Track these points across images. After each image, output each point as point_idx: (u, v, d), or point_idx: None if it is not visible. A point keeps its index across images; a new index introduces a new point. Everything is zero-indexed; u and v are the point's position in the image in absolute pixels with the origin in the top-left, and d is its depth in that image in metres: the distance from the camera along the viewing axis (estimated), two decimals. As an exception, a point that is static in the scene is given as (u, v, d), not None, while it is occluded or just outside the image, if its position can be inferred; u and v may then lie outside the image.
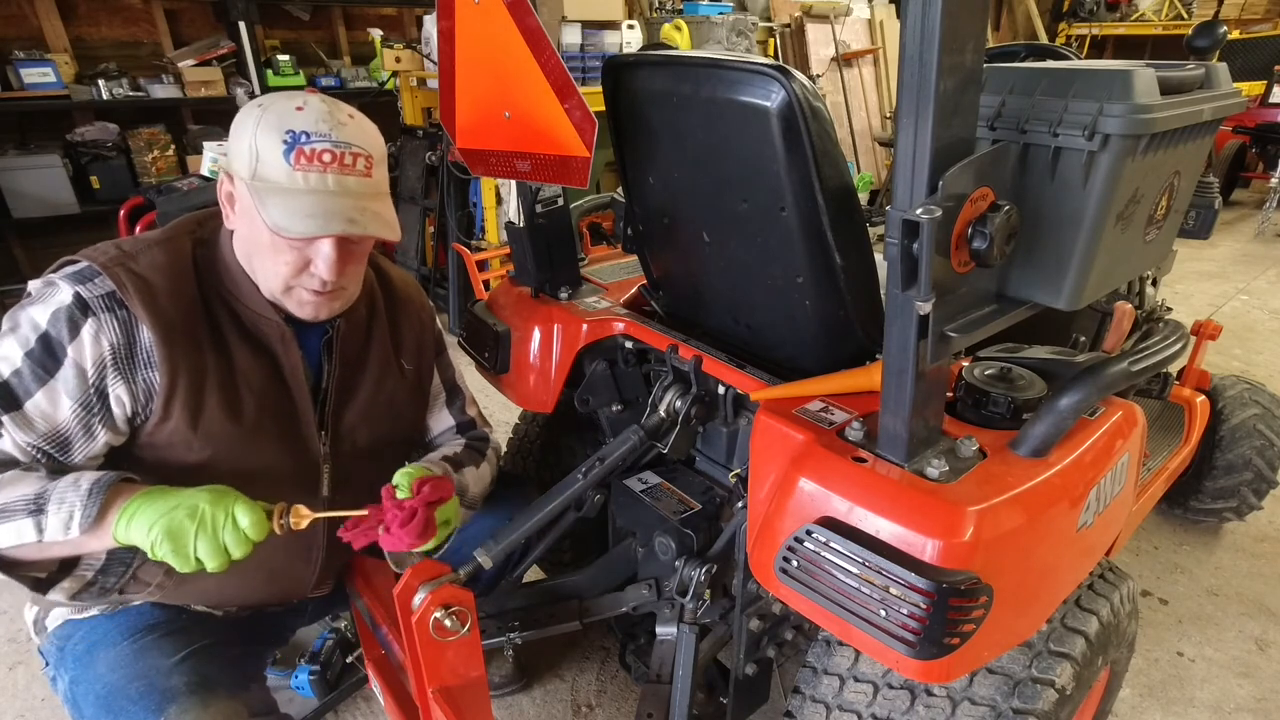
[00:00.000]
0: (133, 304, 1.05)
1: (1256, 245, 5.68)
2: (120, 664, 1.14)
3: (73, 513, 0.99)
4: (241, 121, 1.08)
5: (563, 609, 1.53)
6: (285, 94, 1.10)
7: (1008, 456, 0.99)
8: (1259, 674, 1.90)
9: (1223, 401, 2.18)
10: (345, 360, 1.27)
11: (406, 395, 1.39)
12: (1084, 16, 8.37)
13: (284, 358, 1.19)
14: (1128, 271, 1.21)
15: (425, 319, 1.45)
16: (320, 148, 1.05)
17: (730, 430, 1.40)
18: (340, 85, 4.30)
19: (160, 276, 1.09)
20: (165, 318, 1.07)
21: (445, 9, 1.26)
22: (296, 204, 1.05)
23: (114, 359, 1.05)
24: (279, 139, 1.04)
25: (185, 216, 1.21)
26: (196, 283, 1.13)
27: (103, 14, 3.81)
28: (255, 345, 1.17)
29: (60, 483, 1.01)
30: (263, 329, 1.17)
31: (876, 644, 0.92)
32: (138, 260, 1.09)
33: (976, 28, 0.77)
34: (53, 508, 0.99)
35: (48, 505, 1.00)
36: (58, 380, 1.04)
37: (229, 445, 1.14)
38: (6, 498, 1.00)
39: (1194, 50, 1.60)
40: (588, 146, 1.17)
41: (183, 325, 1.09)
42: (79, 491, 1.00)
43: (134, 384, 1.07)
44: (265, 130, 1.05)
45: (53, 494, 1.00)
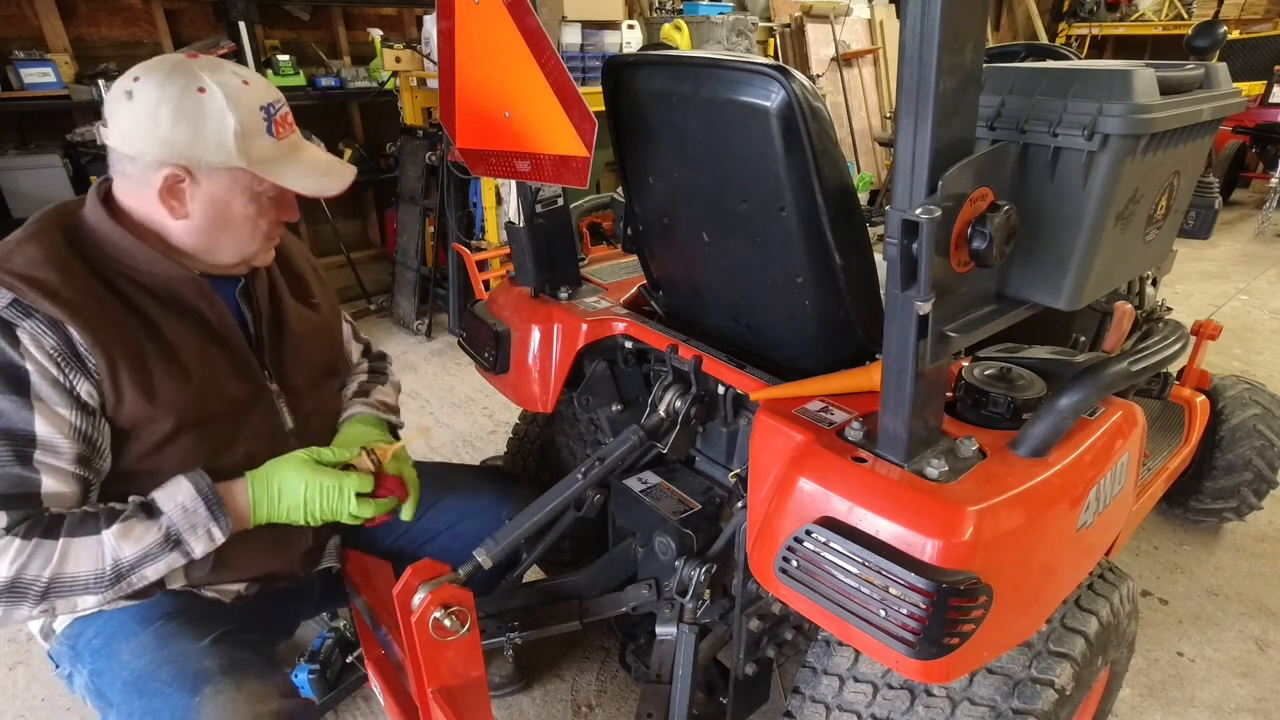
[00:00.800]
0: (39, 304, 1.03)
1: (1256, 245, 5.68)
2: (146, 650, 1.16)
3: (210, 530, 1.12)
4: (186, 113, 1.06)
5: (563, 609, 1.53)
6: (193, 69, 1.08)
7: (1007, 456, 0.99)
8: (1259, 674, 1.90)
9: (1223, 401, 2.18)
10: (263, 306, 1.31)
11: (327, 324, 1.46)
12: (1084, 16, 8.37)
13: (209, 310, 1.21)
14: (1128, 271, 1.21)
15: (308, 255, 1.51)
16: (283, 113, 1.17)
17: (730, 430, 1.40)
18: (340, 85, 4.29)
19: (45, 270, 1.06)
20: (74, 306, 1.06)
21: (445, 9, 1.26)
22: (302, 168, 1.17)
23: (61, 357, 1.05)
24: (259, 118, 1.11)
25: (39, 213, 1.16)
26: (87, 267, 1.11)
27: (103, 14, 3.81)
28: (175, 308, 1.17)
29: (170, 516, 1.10)
30: (178, 290, 1.17)
31: (876, 644, 0.92)
32: (12, 261, 1.06)
33: (976, 28, 0.77)
34: (188, 535, 1.10)
35: (181, 536, 1.10)
36: (39, 397, 1.04)
37: (188, 407, 1.16)
38: (138, 549, 1.07)
39: (1194, 50, 1.60)
40: (588, 146, 1.17)
41: (95, 308, 1.08)
42: (198, 515, 1.11)
43: (89, 376, 1.07)
44: (239, 114, 1.08)
45: (177, 526, 1.10)
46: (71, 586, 1.04)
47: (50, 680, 1.90)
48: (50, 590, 1.03)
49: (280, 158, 1.15)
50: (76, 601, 1.06)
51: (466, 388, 3.47)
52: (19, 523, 1.02)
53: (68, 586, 1.04)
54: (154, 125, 1.06)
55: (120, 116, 1.07)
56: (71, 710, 1.82)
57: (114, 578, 1.06)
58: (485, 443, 3.00)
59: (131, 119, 1.06)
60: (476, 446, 2.98)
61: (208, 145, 1.08)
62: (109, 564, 1.05)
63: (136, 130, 1.07)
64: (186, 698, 1.09)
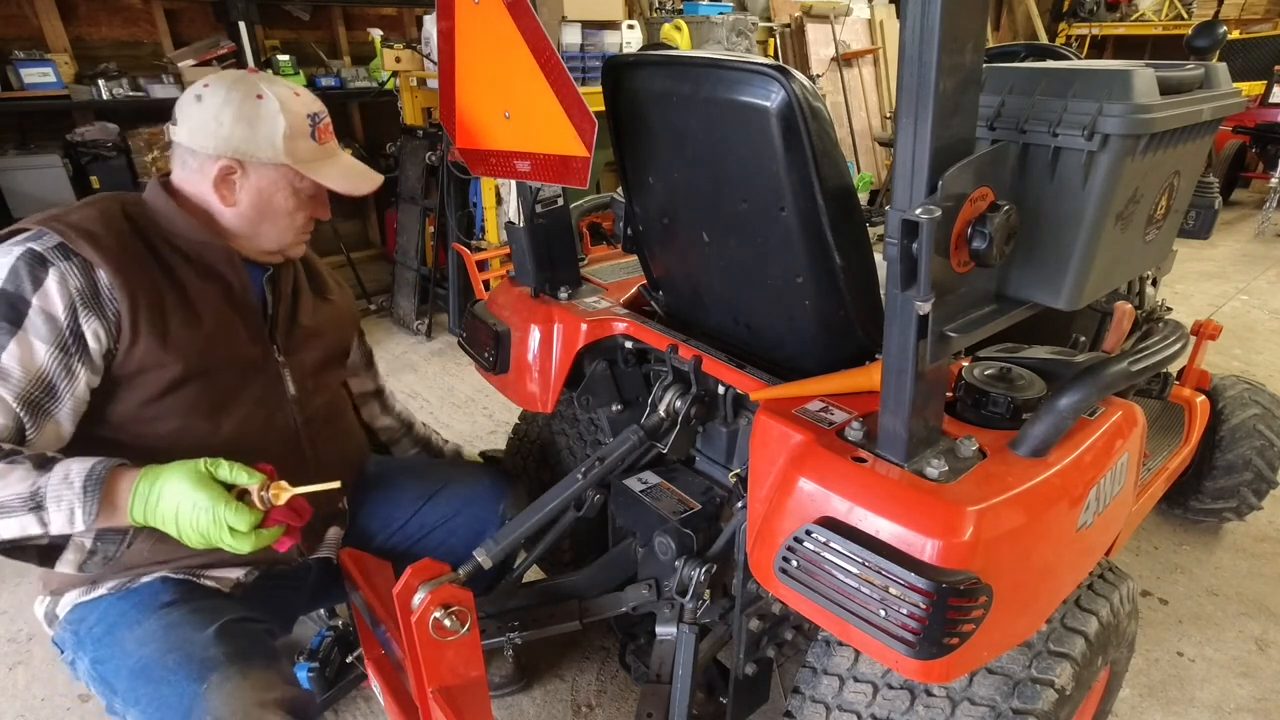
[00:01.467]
0: (81, 248, 1.14)
1: (1256, 245, 5.68)
2: (150, 639, 1.17)
3: (73, 509, 1.02)
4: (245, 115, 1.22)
5: (563, 609, 1.53)
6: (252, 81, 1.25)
7: (1007, 456, 0.99)
8: (1259, 674, 1.90)
9: (1223, 401, 2.18)
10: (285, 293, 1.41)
11: (338, 317, 1.55)
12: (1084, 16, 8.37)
13: (233, 277, 1.30)
14: (1128, 271, 1.21)
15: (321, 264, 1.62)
16: (325, 123, 1.33)
17: (730, 430, 1.40)
18: (340, 85, 4.29)
19: (95, 225, 1.18)
20: (112, 253, 1.16)
21: (445, 9, 1.26)
22: (338, 170, 1.33)
23: (82, 300, 1.12)
24: (305, 124, 1.27)
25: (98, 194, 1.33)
26: (133, 229, 1.23)
27: (103, 14, 3.81)
28: (202, 270, 1.27)
29: (51, 478, 1.03)
30: (209, 257, 1.28)
31: (876, 644, 0.92)
32: (69, 217, 1.18)
33: (976, 28, 0.77)
34: (51, 504, 1.02)
35: (45, 502, 1.02)
36: (26, 330, 1.09)
37: (196, 354, 1.22)
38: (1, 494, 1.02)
39: (1194, 50, 1.60)
40: (588, 146, 1.17)
41: (131, 259, 1.18)
42: (73, 489, 1.03)
43: (105, 318, 1.14)
44: (289, 119, 1.24)
45: (47, 491, 1.02)
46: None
47: (50, 680, 1.90)
48: None
49: (320, 159, 1.31)
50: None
51: (466, 388, 3.47)
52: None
53: None
54: (217, 124, 1.21)
55: (189, 116, 1.23)
56: (71, 710, 1.82)
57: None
58: (485, 443, 3.00)
59: (200, 118, 1.22)
60: (476, 446, 2.97)
61: (259, 143, 1.23)
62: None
63: (202, 128, 1.22)
64: (193, 685, 1.10)
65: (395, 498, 1.61)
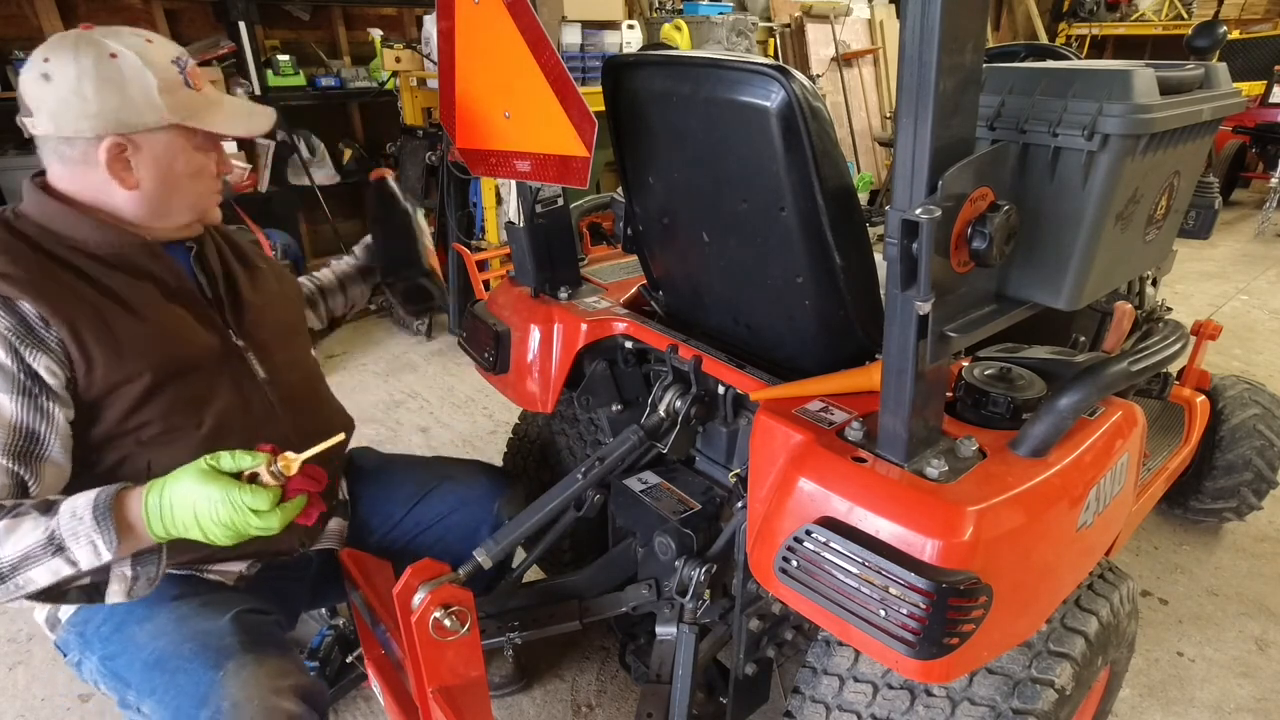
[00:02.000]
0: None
1: (1256, 245, 5.68)
2: (164, 631, 1.18)
3: (94, 541, 1.00)
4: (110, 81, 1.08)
5: (563, 609, 1.53)
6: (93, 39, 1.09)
7: (1007, 456, 0.99)
8: (1259, 674, 1.90)
9: (1223, 401, 2.18)
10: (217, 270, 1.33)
11: (276, 286, 1.46)
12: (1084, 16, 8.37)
13: (163, 270, 1.22)
14: (1128, 271, 1.21)
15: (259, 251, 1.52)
16: (192, 65, 1.19)
17: (730, 430, 1.40)
18: (340, 85, 4.29)
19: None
20: (26, 281, 1.07)
21: (445, 9, 1.26)
22: (221, 114, 1.20)
23: (19, 338, 1.05)
24: (175, 72, 1.14)
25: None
26: (31, 248, 1.13)
27: (103, 14, 3.81)
28: (128, 272, 1.19)
29: (61, 519, 1.00)
30: (127, 255, 1.19)
31: (876, 644, 0.92)
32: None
33: (976, 28, 0.77)
34: (70, 543, 1.00)
35: (65, 542, 1.00)
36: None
37: (158, 356, 1.17)
38: (18, 549, 0.99)
39: (1194, 50, 1.60)
40: (588, 146, 1.17)
41: (46, 281, 1.10)
42: (84, 523, 1.00)
43: (50, 350, 1.07)
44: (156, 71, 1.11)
45: (62, 532, 1.00)
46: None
47: (50, 680, 1.90)
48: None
49: (206, 107, 1.18)
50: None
51: (466, 388, 3.47)
52: None
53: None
54: (81, 100, 1.07)
55: (43, 101, 1.08)
56: (71, 710, 1.82)
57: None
58: (485, 443, 3.00)
59: (58, 100, 1.07)
60: (476, 446, 2.98)
61: (138, 108, 1.10)
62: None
63: (66, 110, 1.07)
64: (210, 673, 1.10)
65: (391, 494, 1.62)
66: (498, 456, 2.20)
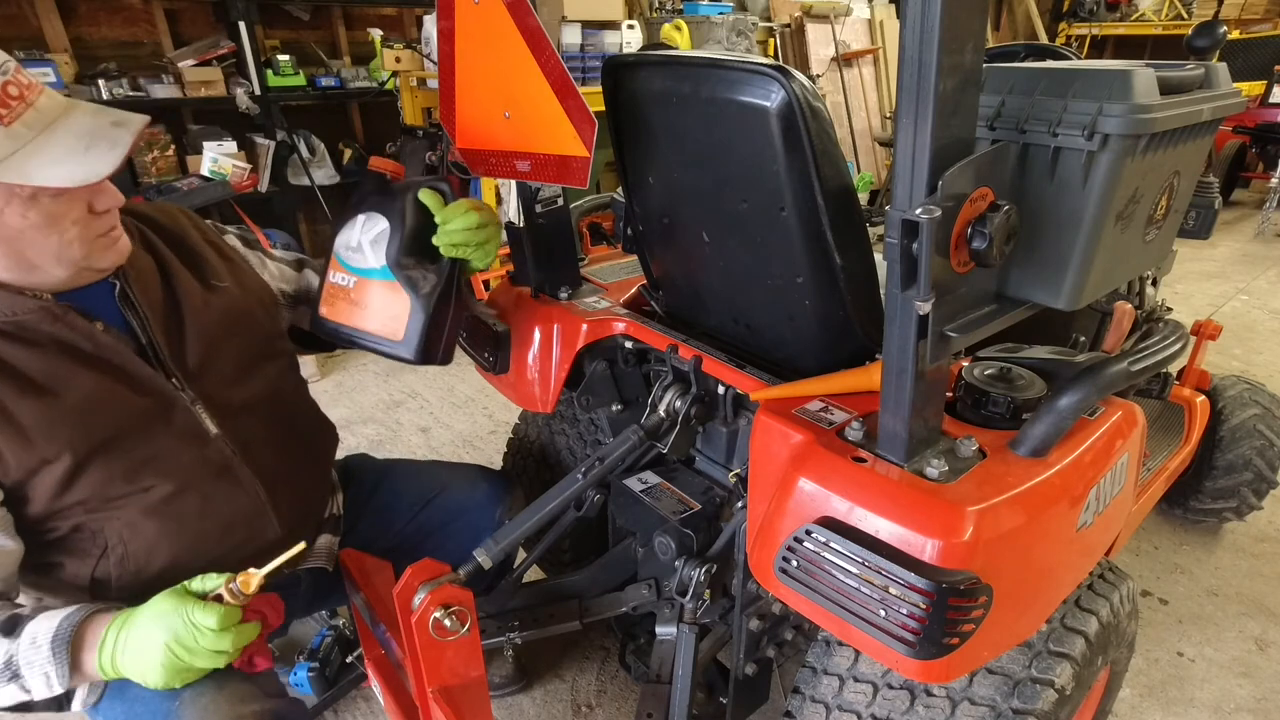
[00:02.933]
0: None
1: (1256, 245, 5.68)
2: None
3: (48, 673, 0.97)
4: None
5: (563, 609, 1.53)
6: None
7: (1007, 456, 0.99)
8: (1259, 674, 1.90)
9: (1223, 401, 2.18)
10: (152, 305, 1.17)
11: (240, 306, 1.30)
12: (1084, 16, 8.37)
13: (70, 334, 1.07)
14: (1128, 271, 1.21)
15: (204, 231, 1.35)
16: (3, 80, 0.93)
17: (730, 430, 1.40)
18: (340, 85, 4.29)
19: None
20: None
21: (445, 9, 1.26)
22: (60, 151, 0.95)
23: None
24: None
25: None
26: None
27: (103, 14, 3.81)
28: (28, 341, 1.05)
29: (21, 644, 0.97)
30: (26, 322, 1.04)
31: (876, 644, 0.92)
32: None
33: (976, 28, 0.77)
34: (25, 671, 0.97)
35: (20, 670, 0.97)
36: None
37: (74, 436, 1.06)
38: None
39: (1194, 50, 1.60)
40: (588, 146, 1.17)
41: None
42: (41, 653, 0.97)
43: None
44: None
45: (20, 659, 0.97)
46: None
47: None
48: None
49: (20, 148, 0.92)
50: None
51: (466, 388, 3.47)
52: None
53: None
54: None
55: None
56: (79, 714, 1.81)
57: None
58: (485, 443, 3.00)
59: None
60: (476, 446, 2.98)
61: None
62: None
63: None
64: (166, 702, 1.06)
65: (391, 503, 1.60)
66: (498, 456, 2.20)
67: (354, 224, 1.33)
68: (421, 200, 1.28)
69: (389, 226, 1.29)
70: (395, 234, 1.28)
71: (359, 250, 1.30)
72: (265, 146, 3.98)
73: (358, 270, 1.31)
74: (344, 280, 1.33)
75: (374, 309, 1.30)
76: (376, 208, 1.32)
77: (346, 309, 1.33)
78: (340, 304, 1.34)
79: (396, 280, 1.28)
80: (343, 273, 1.33)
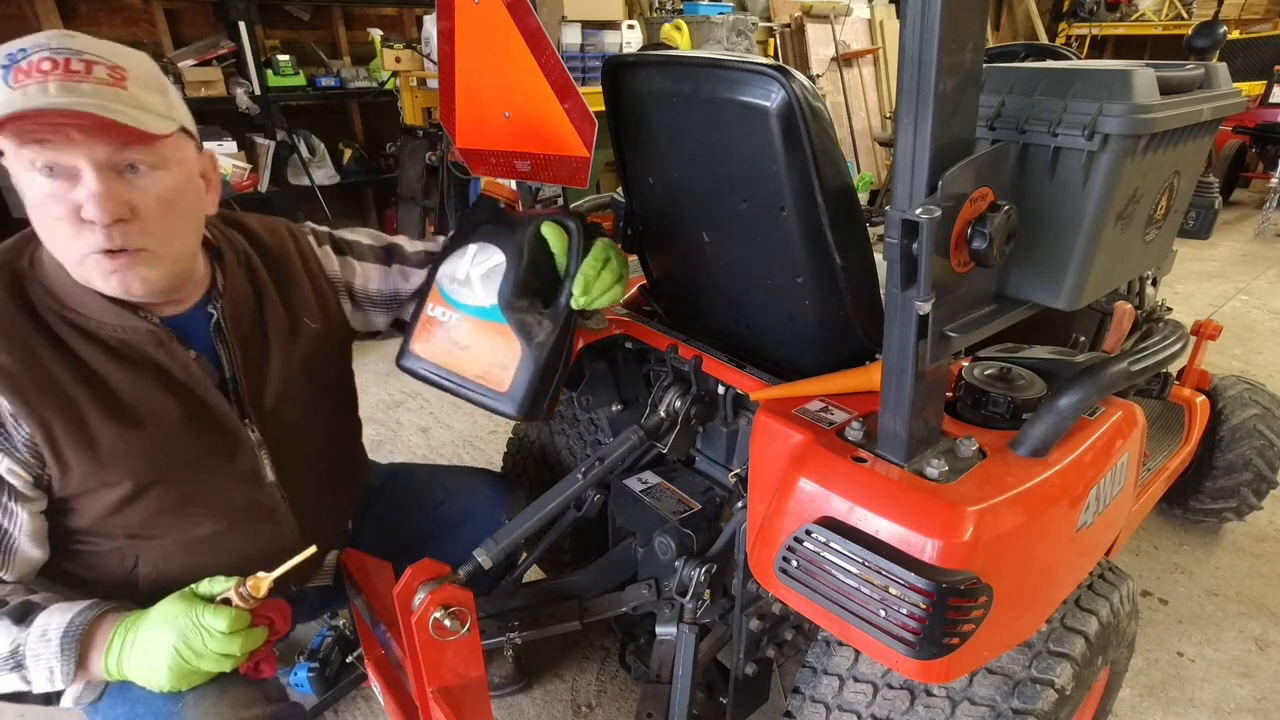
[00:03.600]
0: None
1: (1256, 245, 5.68)
2: None
3: (52, 668, 0.98)
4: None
5: (563, 609, 1.53)
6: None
7: (1007, 456, 0.99)
8: (1259, 674, 1.90)
9: (1223, 401, 2.18)
10: (242, 339, 1.16)
11: (323, 351, 1.28)
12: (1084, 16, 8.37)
13: (170, 361, 1.07)
14: (1128, 271, 1.21)
15: (309, 258, 1.30)
16: (39, 58, 0.89)
17: (730, 430, 1.40)
18: (340, 85, 4.29)
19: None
20: (4, 372, 0.96)
21: (445, 9, 1.26)
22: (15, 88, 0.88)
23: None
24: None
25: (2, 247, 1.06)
26: (29, 318, 1.00)
27: (103, 14, 3.81)
28: (131, 360, 1.05)
29: (30, 634, 0.97)
30: (132, 341, 1.05)
31: (876, 644, 0.92)
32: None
33: (976, 28, 0.77)
34: (30, 663, 0.97)
35: (25, 660, 0.97)
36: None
37: (143, 465, 1.06)
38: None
39: (1194, 50, 1.60)
40: (588, 146, 1.17)
41: (31, 373, 0.98)
42: (50, 647, 0.97)
43: (15, 450, 0.99)
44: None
45: (26, 649, 0.97)
46: None
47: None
48: None
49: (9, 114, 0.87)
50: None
51: (466, 388, 3.47)
52: None
53: None
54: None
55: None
56: (71, 711, 1.81)
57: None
58: (485, 443, 3.00)
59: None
60: (476, 447, 2.98)
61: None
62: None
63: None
64: (169, 704, 1.05)
65: (394, 513, 1.59)
66: (498, 457, 2.20)
67: (463, 254, 1.21)
68: (544, 235, 1.19)
69: (504, 261, 1.17)
70: (510, 270, 1.16)
71: (467, 284, 1.19)
72: (265, 146, 3.98)
73: (463, 306, 1.19)
74: (445, 315, 1.21)
75: (477, 353, 1.18)
76: (490, 238, 1.20)
77: (445, 349, 1.21)
78: (438, 342, 1.22)
79: (507, 323, 1.16)
80: (445, 306, 1.21)
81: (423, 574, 1.13)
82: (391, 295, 1.41)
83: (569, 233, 1.19)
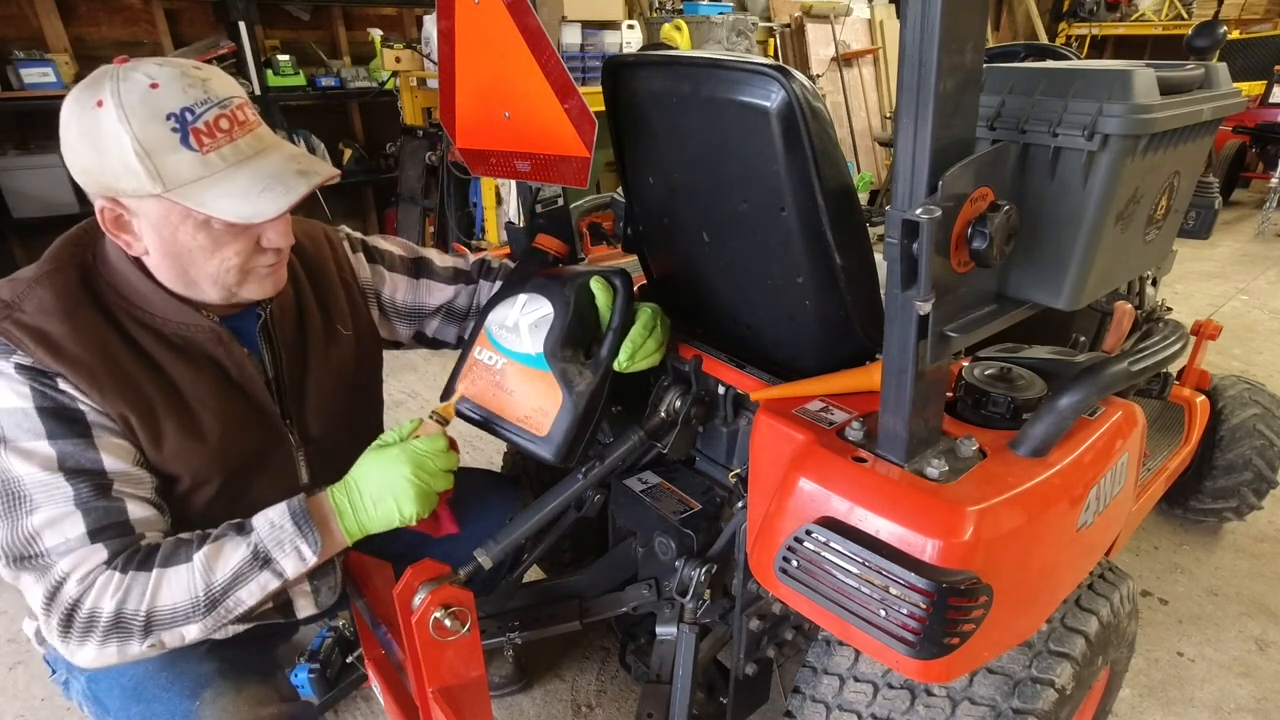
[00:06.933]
0: (43, 361, 0.96)
1: (1256, 245, 5.68)
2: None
3: (298, 547, 1.04)
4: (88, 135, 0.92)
5: (563, 609, 1.53)
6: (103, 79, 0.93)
7: (1007, 456, 0.99)
8: (1259, 674, 1.90)
9: (1223, 401, 2.18)
10: (286, 342, 1.20)
11: (353, 359, 1.32)
12: (1084, 16, 8.38)
13: (228, 359, 1.12)
14: (1128, 271, 1.21)
15: (344, 266, 1.34)
16: (212, 117, 0.94)
17: (730, 430, 1.40)
18: (340, 85, 4.30)
19: (54, 320, 0.98)
20: (80, 364, 0.98)
21: (445, 9, 1.26)
22: (238, 186, 0.96)
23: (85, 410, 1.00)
24: (164, 131, 0.91)
25: (60, 242, 1.08)
26: (101, 314, 1.03)
27: (103, 14, 3.82)
28: (192, 357, 1.09)
29: (259, 534, 1.03)
30: (195, 338, 1.09)
31: (876, 644, 0.92)
32: (23, 309, 0.98)
33: (976, 28, 0.77)
34: (276, 553, 1.03)
35: (270, 553, 1.03)
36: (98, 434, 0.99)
37: (202, 465, 1.10)
38: (228, 569, 1.01)
39: (1194, 50, 1.60)
40: (588, 146, 1.17)
41: (103, 366, 1.00)
42: (285, 532, 1.03)
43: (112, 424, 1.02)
44: (139, 129, 0.90)
45: (265, 544, 1.03)
46: (171, 618, 0.99)
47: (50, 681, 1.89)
48: (151, 624, 0.98)
49: (206, 175, 0.94)
50: (182, 633, 1.00)
51: (466, 388, 3.47)
52: (118, 554, 0.98)
53: (167, 619, 0.98)
54: (71, 152, 0.95)
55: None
56: (71, 711, 1.82)
57: (209, 604, 1.00)
58: (485, 443, 3.00)
59: (64, 146, 0.95)
60: (476, 446, 2.98)
61: (116, 171, 0.92)
62: (201, 589, 0.99)
63: (69, 160, 0.95)
64: (186, 702, 1.07)
65: None
66: (498, 456, 2.20)
67: (514, 302, 1.26)
68: (593, 289, 1.24)
69: (553, 313, 1.21)
70: (558, 321, 1.21)
71: (515, 331, 1.24)
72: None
73: (509, 352, 1.24)
74: (492, 360, 1.26)
75: (520, 397, 1.23)
76: (540, 290, 1.25)
77: (490, 392, 1.26)
78: (484, 385, 1.27)
79: (551, 371, 1.20)
80: (492, 351, 1.26)
81: (423, 574, 1.13)
82: (417, 308, 1.44)
83: (615, 290, 1.26)
